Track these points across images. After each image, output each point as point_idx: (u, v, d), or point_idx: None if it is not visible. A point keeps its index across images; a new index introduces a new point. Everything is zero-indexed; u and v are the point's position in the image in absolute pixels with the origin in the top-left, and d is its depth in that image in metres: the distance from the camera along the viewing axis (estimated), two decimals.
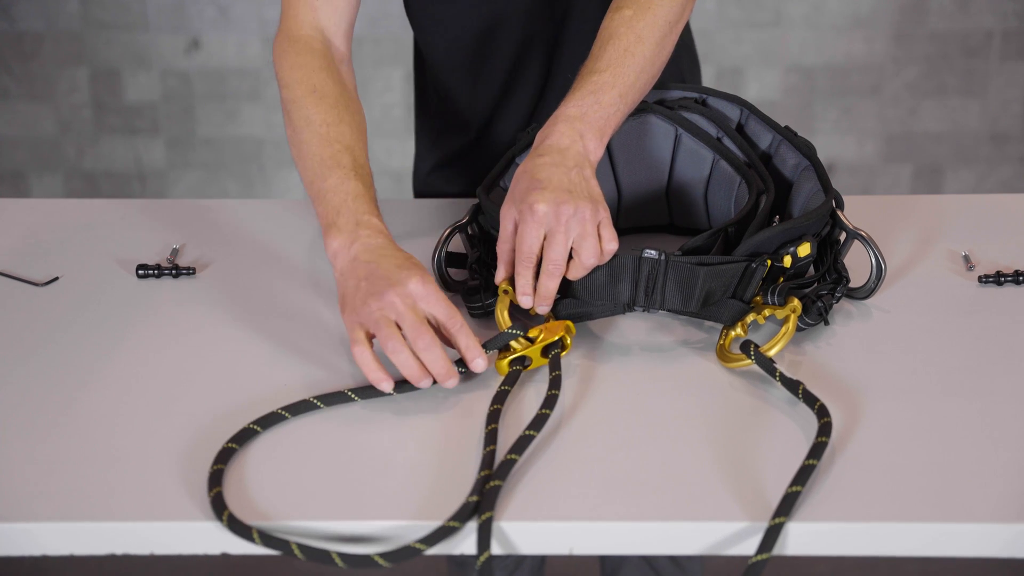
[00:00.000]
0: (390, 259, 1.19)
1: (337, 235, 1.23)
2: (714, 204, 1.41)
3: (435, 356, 1.13)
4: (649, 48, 1.31)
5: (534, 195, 1.19)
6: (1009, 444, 1.07)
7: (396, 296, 1.15)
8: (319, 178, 1.29)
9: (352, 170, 1.29)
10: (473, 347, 1.15)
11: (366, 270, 1.18)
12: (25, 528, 1.00)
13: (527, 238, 1.19)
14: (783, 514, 0.98)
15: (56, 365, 1.22)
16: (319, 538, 1.00)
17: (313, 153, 1.31)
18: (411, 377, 1.13)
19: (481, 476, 1.03)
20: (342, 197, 1.26)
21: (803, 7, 3.23)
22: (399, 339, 1.13)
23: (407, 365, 1.13)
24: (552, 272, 1.19)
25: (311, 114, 1.35)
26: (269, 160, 3.37)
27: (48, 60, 3.28)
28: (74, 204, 1.60)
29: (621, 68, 1.29)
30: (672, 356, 1.22)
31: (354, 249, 1.21)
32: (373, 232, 1.23)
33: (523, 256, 1.20)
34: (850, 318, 1.27)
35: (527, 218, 1.19)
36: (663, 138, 1.41)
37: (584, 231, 1.19)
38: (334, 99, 1.36)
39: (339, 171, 1.28)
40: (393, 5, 1.62)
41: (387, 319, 1.14)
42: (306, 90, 1.37)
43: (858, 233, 1.28)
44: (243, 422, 1.11)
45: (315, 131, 1.33)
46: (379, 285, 1.16)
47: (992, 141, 3.35)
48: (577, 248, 1.19)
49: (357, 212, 1.24)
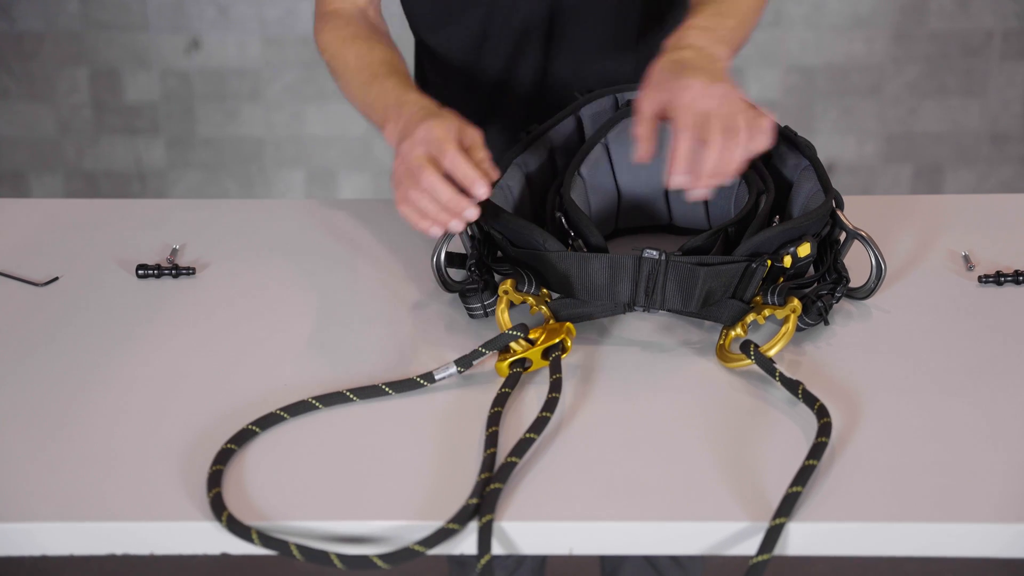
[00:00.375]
0: (422, 120, 1.24)
1: (387, 123, 1.31)
2: (713, 204, 1.41)
3: (438, 192, 1.19)
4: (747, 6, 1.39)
5: (687, 76, 1.20)
6: (1009, 444, 1.07)
7: (408, 148, 1.21)
8: (365, 97, 1.39)
9: (387, 76, 1.37)
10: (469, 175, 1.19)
11: (405, 142, 1.24)
12: (25, 528, 1.00)
13: (694, 105, 1.17)
14: (784, 515, 0.98)
15: (56, 365, 1.22)
16: (318, 538, 1.00)
17: (356, 81, 1.42)
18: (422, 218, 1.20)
19: (481, 478, 1.03)
20: (384, 97, 1.34)
21: (803, 7, 3.23)
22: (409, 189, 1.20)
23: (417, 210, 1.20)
24: (742, 140, 1.16)
25: (347, 56, 1.45)
26: (269, 160, 3.37)
27: (48, 60, 3.28)
28: (74, 204, 1.60)
29: (737, 2, 1.36)
30: (672, 357, 1.22)
31: (400, 125, 1.28)
32: (412, 106, 1.29)
33: (693, 120, 1.17)
34: (850, 318, 1.27)
35: (684, 89, 1.19)
36: (662, 138, 1.40)
37: (738, 108, 1.18)
38: (365, 38, 1.46)
39: (377, 81, 1.37)
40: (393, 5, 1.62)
41: (409, 173, 1.21)
42: (340, 43, 1.47)
43: (858, 233, 1.28)
44: (242, 422, 1.11)
45: (353, 67, 1.43)
46: (404, 147, 1.23)
47: (992, 141, 3.35)
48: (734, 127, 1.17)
49: (399, 98, 1.32)
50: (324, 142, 3.35)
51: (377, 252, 1.43)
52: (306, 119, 3.33)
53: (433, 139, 1.21)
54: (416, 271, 1.38)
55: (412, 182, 1.20)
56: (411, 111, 1.28)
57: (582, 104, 1.43)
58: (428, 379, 1.16)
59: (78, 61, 3.28)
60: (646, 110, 1.23)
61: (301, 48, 3.25)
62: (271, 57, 3.25)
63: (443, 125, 1.22)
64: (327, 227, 1.50)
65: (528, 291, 1.25)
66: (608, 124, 1.40)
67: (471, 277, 1.28)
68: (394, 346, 1.24)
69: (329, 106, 3.31)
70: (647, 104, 1.23)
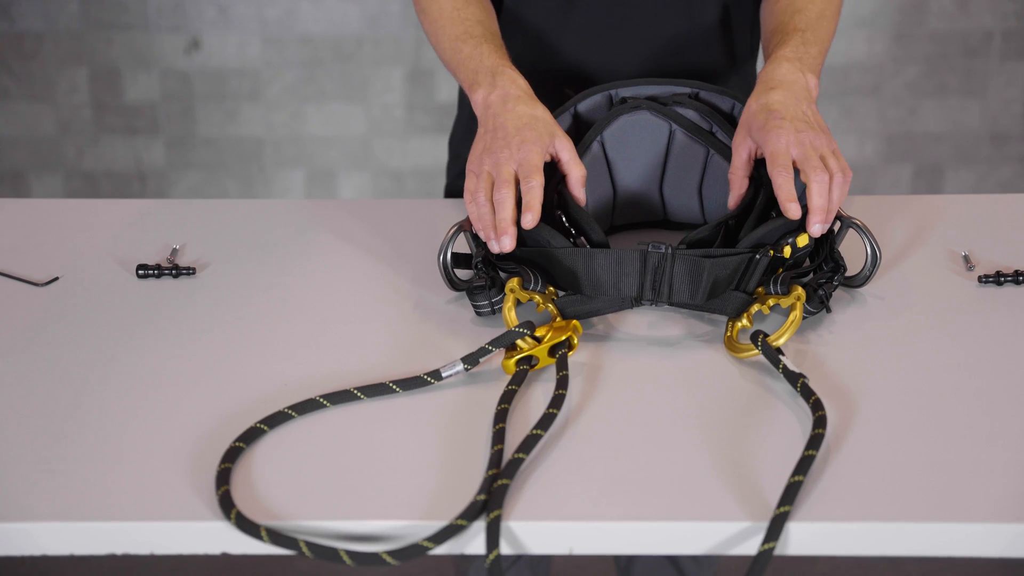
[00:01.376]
0: (517, 115, 1.31)
1: (478, 89, 1.37)
2: (709, 198, 1.42)
3: (503, 208, 1.24)
4: (832, 11, 1.48)
5: (775, 123, 1.27)
6: (1010, 444, 1.07)
7: (504, 159, 1.28)
8: (456, 52, 1.44)
9: (483, 38, 1.43)
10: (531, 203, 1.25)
11: (494, 123, 1.33)
12: (25, 528, 1.00)
13: (782, 154, 1.25)
14: (787, 503, 0.99)
15: (56, 365, 1.22)
16: (326, 537, 1.00)
17: (447, 32, 1.46)
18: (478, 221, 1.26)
19: (489, 475, 1.03)
20: (477, 60, 1.40)
21: None
22: (485, 191, 1.27)
23: (479, 214, 1.26)
24: (838, 181, 1.25)
25: (443, 2, 1.48)
26: (269, 160, 3.37)
27: (48, 60, 3.28)
28: (74, 204, 1.60)
29: (817, 30, 1.42)
30: (678, 353, 1.22)
31: (491, 97, 1.35)
32: (507, 81, 1.35)
33: (784, 163, 1.25)
34: (851, 317, 1.28)
35: (774, 142, 1.26)
36: (657, 134, 1.42)
37: (826, 152, 1.27)
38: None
39: (471, 40, 1.43)
40: (393, 5, 1.62)
41: (489, 175, 1.28)
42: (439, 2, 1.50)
43: (853, 222, 1.29)
44: (245, 422, 1.11)
45: (447, 15, 1.47)
46: (497, 144, 1.30)
47: (992, 141, 3.35)
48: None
49: (494, 67, 1.38)
50: (324, 142, 3.35)
51: (377, 251, 1.43)
52: (306, 119, 3.33)
53: (527, 163, 1.27)
54: (418, 270, 1.38)
55: (489, 190, 1.27)
56: (507, 90, 1.35)
57: (576, 102, 1.43)
58: (435, 377, 1.16)
59: (78, 61, 3.28)
60: (743, 155, 1.32)
61: (301, 48, 3.25)
62: (271, 57, 3.25)
63: (540, 147, 1.29)
64: (327, 227, 1.50)
65: (534, 289, 1.25)
66: (604, 121, 1.41)
67: (477, 275, 1.27)
68: (399, 344, 1.24)
69: (329, 106, 3.31)
70: (743, 149, 1.32)
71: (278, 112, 3.32)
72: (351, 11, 3.23)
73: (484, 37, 1.43)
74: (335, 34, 3.24)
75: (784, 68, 1.35)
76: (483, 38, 1.43)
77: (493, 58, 1.40)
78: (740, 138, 1.32)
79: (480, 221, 1.26)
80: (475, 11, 1.47)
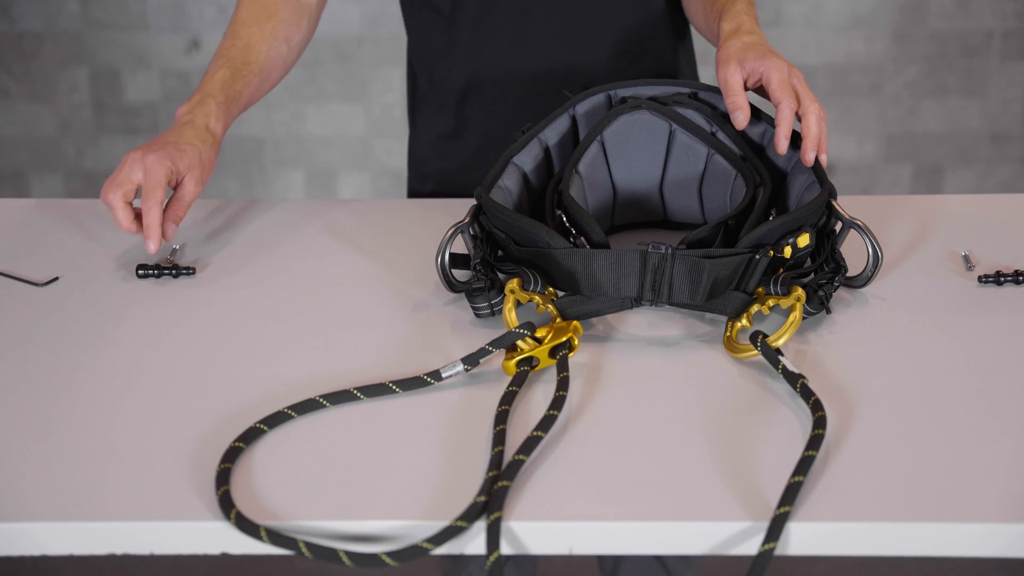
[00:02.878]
0: (169, 135, 1.41)
1: (185, 105, 1.46)
2: (709, 198, 1.42)
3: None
4: None
5: (773, 57, 1.35)
6: (1010, 444, 1.07)
7: (130, 159, 1.37)
8: (210, 62, 1.51)
9: (234, 65, 1.49)
10: (148, 227, 1.35)
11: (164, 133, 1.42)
12: (25, 528, 1.00)
13: (787, 81, 1.33)
14: (787, 503, 0.99)
15: (56, 365, 1.22)
16: (326, 537, 1.00)
17: (220, 45, 1.53)
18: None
19: (489, 476, 1.03)
20: (207, 80, 1.48)
21: (803, 7, 3.23)
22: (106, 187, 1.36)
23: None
24: (822, 116, 1.33)
25: (239, 13, 1.55)
26: (269, 160, 3.37)
27: (48, 60, 3.29)
28: (74, 204, 1.60)
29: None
30: (679, 352, 1.22)
31: (179, 120, 1.44)
32: (203, 113, 1.44)
33: (790, 92, 1.33)
34: (851, 318, 1.28)
35: (776, 69, 1.33)
36: (657, 134, 1.42)
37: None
38: (264, 4, 1.55)
39: (219, 60, 1.50)
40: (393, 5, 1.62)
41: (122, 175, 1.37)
42: (248, 5, 1.56)
43: (854, 222, 1.29)
44: (245, 422, 1.11)
45: (231, 27, 1.54)
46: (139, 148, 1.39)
47: (992, 141, 3.35)
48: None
49: (205, 96, 1.45)
50: (324, 142, 3.35)
51: (378, 252, 1.43)
52: (306, 119, 3.33)
53: (151, 176, 1.36)
54: (418, 270, 1.38)
55: (108, 188, 1.36)
56: (194, 117, 1.43)
57: (576, 102, 1.44)
58: (435, 377, 1.16)
59: (78, 61, 3.28)
60: (737, 80, 1.36)
61: None
62: None
63: (163, 167, 1.36)
64: (327, 227, 1.50)
65: (534, 290, 1.25)
66: (603, 122, 1.41)
67: (476, 277, 1.27)
68: (399, 345, 1.24)
69: (329, 106, 3.31)
70: (736, 77, 1.36)
71: (278, 112, 3.32)
72: (351, 11, 3.23)
73: (229, 64, 1.49)
74: (335, 34, 3.24)
75: (748, 24, 1.42)
76: (227, 64, 1.49)
77: (215, 88, 1.46)
78: (731, 69, 1.35)
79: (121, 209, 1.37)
80: (253, 33, 1.53)
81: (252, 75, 1.51)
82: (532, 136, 1.41)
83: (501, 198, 1.32)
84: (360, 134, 3.34)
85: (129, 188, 1.36)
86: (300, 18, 1.58)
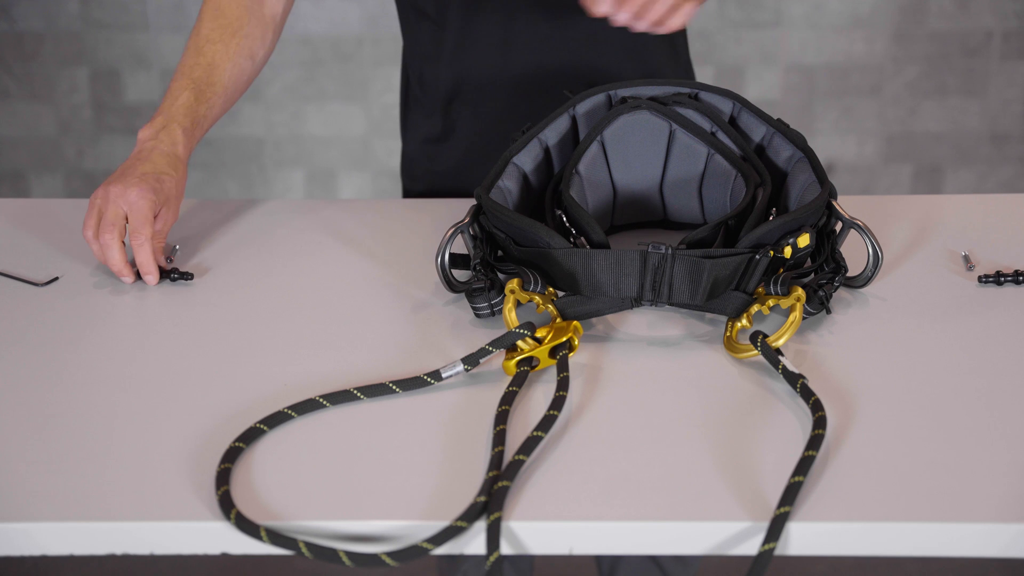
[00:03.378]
0: (143, 164, 1.39)
1: (148, 128, 1.44)
2: (709, 199, 1.42)
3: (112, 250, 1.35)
4: None
5: None
6: (1010, 444, 1.07)
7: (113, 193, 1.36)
8: (172, 79, 1.49)
9: (192, 87, 1.47)
10: (144, 264, 1.35)
11: (125, 165, 1.41)
12: (25, 528, 1.00)
13: None
14: (787, 503, 0.99)
15: (56, 365, 1.22)
16: (326, 537, 1.00)
17: (184, 58, 1.51)
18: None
19: (489, 476, 1.03)
20: (170, 102, 1.46)
21: (803, 7, 3.23)
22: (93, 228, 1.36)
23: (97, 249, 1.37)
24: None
25: (201, 27, 1.53)
26: (269, 160, 3.37)
27: (48, 60, 3.29)
28: (74, 204, 1.60)
29: None
30: (679, 352, 1.22)
31: (143, 145, 1.42)
32: (167, 140, 1.42)
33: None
34: (851, 318, 1.28)
35: None
36: (657, 134, 1.42)
37: None
38: (229, 19, 1.53)
39: (183, 81, 1.48)
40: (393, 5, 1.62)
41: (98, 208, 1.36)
42: (209, 9, 1.54)
43: (855, 223, 1.29)
44: (244, 422, 1.11)
45: (194, 42, 1.52)
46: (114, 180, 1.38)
47: (992, 141, 3.35)
48: None
49: (170, 120, 1.44)
50: (324, 142, 3.35)
51: (378, 252, 1.43)
52: (306, 119, 3.33)
53: (138, 212, 1.35)
54: (418, 270, 1.38)
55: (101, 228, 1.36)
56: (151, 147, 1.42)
57: (576, 102, 1.44)
58: (435, 377, 1.16)
59: (78, 61, 3.28)
60: None
61: (301, 48, 3.25)
62: (271, 57, 3.25)
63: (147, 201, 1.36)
64: (327, 227, 1.50)
65: (534, 290, 1.25)
66: (603, 121, 1.41)
67: (476, 277, 1.27)
68: (399, 345, 1.24)
69: (329, 106, 3.31)
70: None
71: (278, 112, 3.32)
72: (351, 11, 3.23)
73: (194, 86, 1.48)
74: (335, 34, 3.24)
75: None
76: (192, 86, 1.48)
77: (180, 112, 1.45)
78: None
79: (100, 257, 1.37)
80: (218, 51, 1.51)
81: (216, 96, 1.50)
82: (532, 136, 1.41)
83: (501, 198, 1.32)
84: (360, 134, 3.34)
85: (122, 226, 1.35)
86: (265, 31, 1.57)
